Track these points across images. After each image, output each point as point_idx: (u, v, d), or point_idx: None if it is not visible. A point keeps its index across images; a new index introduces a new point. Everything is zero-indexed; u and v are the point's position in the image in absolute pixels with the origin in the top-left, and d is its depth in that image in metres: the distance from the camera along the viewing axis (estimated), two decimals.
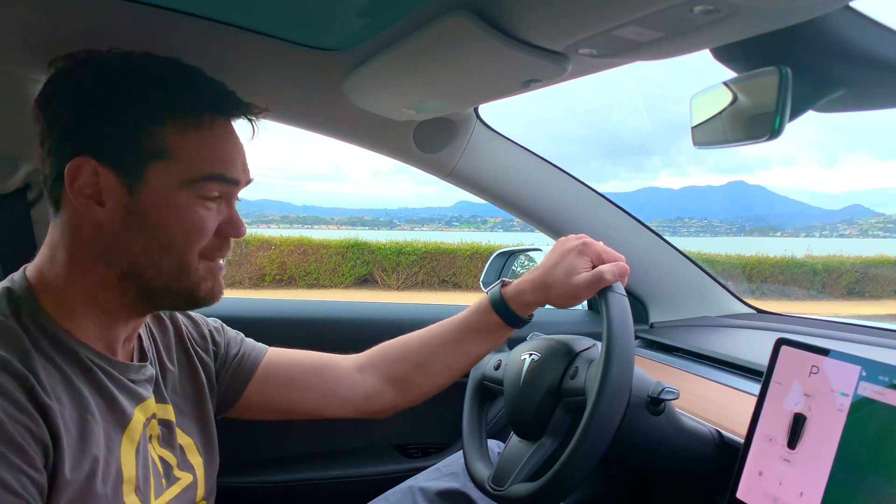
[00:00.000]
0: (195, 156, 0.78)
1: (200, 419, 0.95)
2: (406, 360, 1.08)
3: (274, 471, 1.56)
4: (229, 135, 0.83)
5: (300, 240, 14.04)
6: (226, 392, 1.03)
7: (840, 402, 0.80)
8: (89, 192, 0.76)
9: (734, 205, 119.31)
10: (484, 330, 1.05)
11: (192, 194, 0.78)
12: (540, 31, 0.79)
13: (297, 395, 1.06)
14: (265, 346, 1.08)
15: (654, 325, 1.71)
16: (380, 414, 1.10)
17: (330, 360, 1.10)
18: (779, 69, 0.75)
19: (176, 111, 0.78)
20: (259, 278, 13.21)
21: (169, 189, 0.77)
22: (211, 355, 1.01)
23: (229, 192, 0.83)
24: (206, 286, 0.83)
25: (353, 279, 13.92)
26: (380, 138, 1.37)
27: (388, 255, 13.97)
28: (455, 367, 1.07)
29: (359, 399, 1.08)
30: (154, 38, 1.00)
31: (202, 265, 0.82)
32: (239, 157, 0.83)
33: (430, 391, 1.09)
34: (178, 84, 0.80)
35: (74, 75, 0.79)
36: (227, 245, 0.85)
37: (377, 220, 41.17)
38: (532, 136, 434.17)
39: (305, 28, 1.04)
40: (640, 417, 0.96)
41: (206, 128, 0.79)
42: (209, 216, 0.80)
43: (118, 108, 0.76)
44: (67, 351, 0.75)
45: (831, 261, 14.96)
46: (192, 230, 0.79)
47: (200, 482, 0.91)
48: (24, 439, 0.65)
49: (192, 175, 0.78)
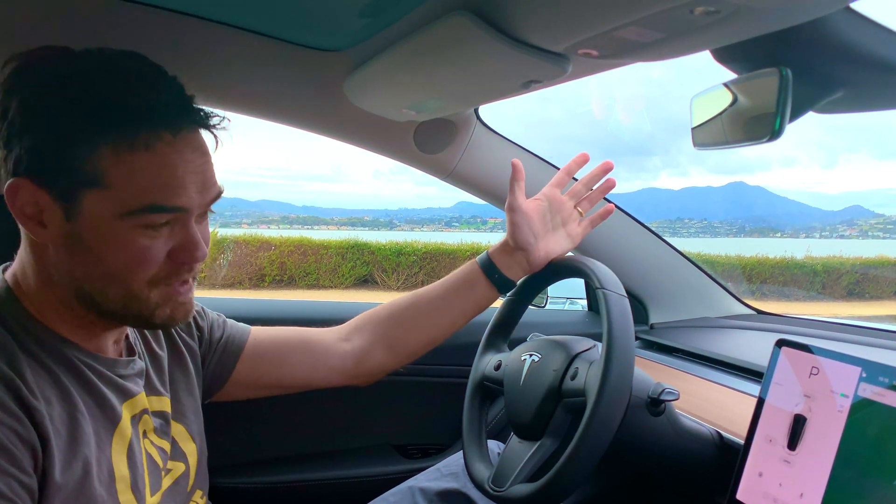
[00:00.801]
0: (132, 184, 0.69)
1: (191, 405, 0.95)
2: (393, 319, 1.12)
3: (273, 471, 1.56)
4: (174, 154, 0.71)
5: (300, 240, 14.02)
6: (214, 375, 1.03)
7: (840, 404, 0.80)
8: (30, 213, 0.71)
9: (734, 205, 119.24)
10: (465, 283, 1.11)
11: (132, 224, 0.71)
12: (540, 32, 0.79)
13: (287, 369, 1.08)
14: (248, 326, 1.09)
15: (654, 325, 1.71)
16: (371, 377, 1.13)
17: (314, 332, 1.12)
18: (779, 70, 0.75)
19: (108, 131, 0.68)
20: (259, 279, 13.18)
21: (105, 219, 0.70)
22: (195, 339, 1.00)
23: (180, 217, 0.74)
24: (163, 312, 0.77)
25: (353, 280, 13.90)
26: (380, 139, 1.37)
27: (388, 255, 13.96)
28: (440, 324, 1.11)
29: (349, 364, 1.11)
30: (154, 38, 1.00)
31: (155, 292, 0.75)
32: (191, 178, 0.73)
33: (417, 349, 1.13)
34: (113, 97, 0.69)
35: (15, 83, 0.70)
36: (187, 268, 0.77)
37: (377, 221, 41.12)
38: (532, 136, 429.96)
39: (306, 28, 1.04)
40: (640, 418, 0.96)
41: (142, 149, 0.69)
42: (154, 245, 0.73)
43: (49, 125, 0.68)
44: (54, 350, 0.74)
45: (831, 262, 14.95)
46: (134, 261, 0.72)
47: (192, 470, 0.91)
48: (12, 442, 0.64)
49: (129, 206, 0.70)
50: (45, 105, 0.69)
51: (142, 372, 0.85)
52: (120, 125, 0.69)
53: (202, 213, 0.78)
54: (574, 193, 1.14)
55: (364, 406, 1.64)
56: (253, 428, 1.55)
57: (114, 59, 0.72)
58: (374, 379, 1.13)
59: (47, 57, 0.71)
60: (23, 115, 0.69)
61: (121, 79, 0.70)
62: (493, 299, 1.13)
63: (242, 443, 1.55)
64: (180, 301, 0.79)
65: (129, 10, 0.93)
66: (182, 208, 0.73)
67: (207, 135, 0.77)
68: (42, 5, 0.92)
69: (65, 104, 0.69)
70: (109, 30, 0.96)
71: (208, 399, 1.03)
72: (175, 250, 0.75)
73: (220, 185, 0.78)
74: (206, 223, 0.80)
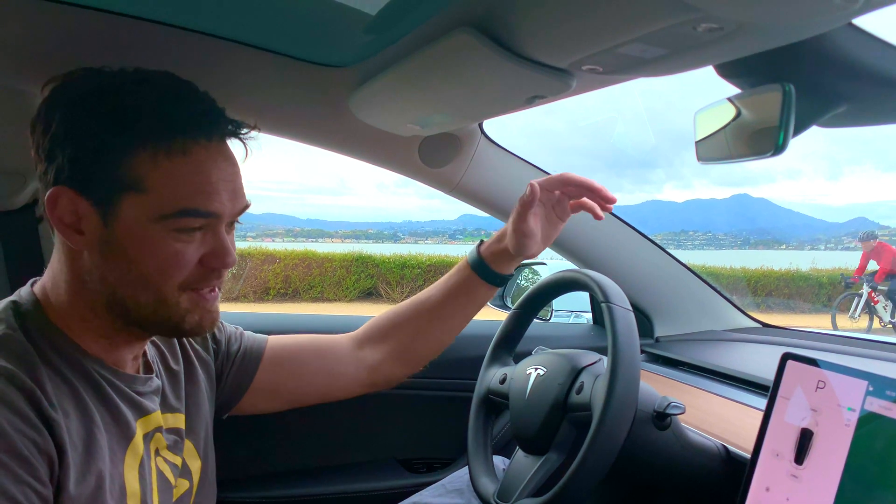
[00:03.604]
0: (168, 187, 0.73)
1: (201, 419, 0.95)
2: (399, 330, 1.12)
3: (277, 485, 1.55)
4: (209, 161, 0.76)
5: (305, 253, 14.04)
6: (232, 387, 1.03)
7: (847, 417, 0.80)
8: (69, 221, 0.74)
9: (739, 217, 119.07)
10: (464, 290, 1.10)
11: (167, 228, 0.74)
12: (544, 49, 0.80)
13: (305, 378, 1.08)
14: (264, 336, 1.09)
15: (660, 339, 1.71)
16: (387, 385, 1.13)
17: (328, 340, 1.12)
18: (782, 86, 0.76)
19: (147, 138, 0.73)
20: (263, 292, 13.19)
21: (141, 222, 0.73)
22: (211, 353, 1.00)
23: (212, 224, 0.78)
24: (192, 319, 0.79)
25: (357, 293, 13.90)
26: (385, 153, 1.38)
27: (392, 268, 13.96)
28: (443, 328, 1.12)
29: (363, 374, 1.11)
30: (161, 55, 1.01)
31: (185, 297, 0.78)
32: (224, 186, 0.77)
33: (426, 357, 1.13)
34: (149, 107, 0.74)
35: (57, 99, 0.75)
36: (217, 274, 0.80)
37: (381, 234, 41.17)
38: (536, 148, 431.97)
39: (311, 45, 1.05)
40: (646, 432, 0.96)
41: (178, 155, 0.73)
42: (187, 249, 0.76)
43: (90, 135, 0.73)
44: (74, 363, 0.75)
45: (836, 274, 14.88)
46: (167, 265, 0.75)
47: (195, 487, 0.91)
48: (30, 452, 0.65)
49: (164, 209, 0.73)
50: (84, 116, 0.73)
51: (158, 390, 0.86)
52: (157, 132, 0.73)
53: (231, 222, 0.81)
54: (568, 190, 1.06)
55: (369, 420, 1.63)
56: (258, 442, 1.55)
57: (146, 74, 0.77)
58: (390, 387, 1.14)
59: (85, 75, 0.77)
60: (64, 128, 0.73)
61: (154, 90, 0.75)
62: (492, 295, 1.14)
63: (248, 457, 1.54)
64: (209, 308, 0.81)
65: (134, 27, 0.94)
66: (214, 214, 0.76)
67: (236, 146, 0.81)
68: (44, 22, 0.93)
69: (103, 114, 0.73)
70: (114, 47, 0.97)
71: (226, 413, 1.04)
72: (206, 256, 0.78)
73: (247, 197, 0.82)
74: (233, 234, 0.83)
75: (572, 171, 1.13)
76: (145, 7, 0.93)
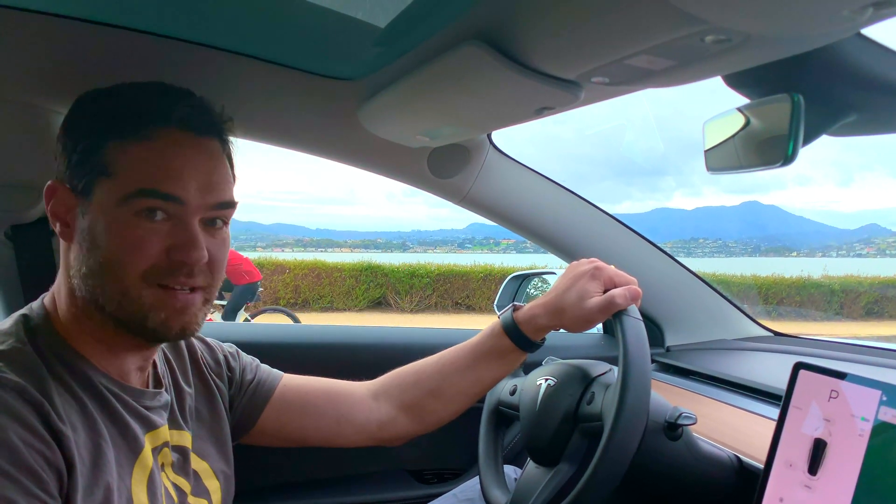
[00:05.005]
0: (132, 170, 0.74)
1: (218, 443, 0.95)
2: (419, 387, 1.08)
3: (288, 496, 1.55)
4: (175, 146, 0.76)
5: (314, 263, 14.10)
6: (241, 418, 1.03)
7: (861, 427, 0.79)
8: (61, 214, 0.78)
9: (749, 225, 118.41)
10: (496, 354, 1.05)
11: (130, 210, 0.74)
12: (552, 61, 0.80)
13: (312, 421, 1.06)
14: (280, 373, 1.08)
15: (671, 348, 1.70)
16: (394, 441, 1.10)
17: (343, 386, 1.10)
18: (791, 96, 0.76)
19: (123, 126, 0.76)
20: (273, 302, 13.24)
21: (107, 207, 0.74)
22: (225, 381, 1.01)
23: (178, 211, 0.76)
24: (157, 317, 0.76)
25: (366, 302, 13.93)
26: (394, 165, 1.39)
27: (401, 277, 13.98)
28: (469, 392, 1.07)
29: (373, 426, 1.07)
30: (174, 69, 1.02)
31: (149, 292, 0.76)
32: (191, 174, 0.76)
33: (444, 418, 1.08)
34: (129, 100, 0.79)
35: (70, 112, 0.82)
36: (186, 270, 0.77)
37: (390, 243, 41.24)
38: (545, 156, 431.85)
39: (321, 58, 1.06)
40: (658, 443, 0.96)
41: (145, 140, 0.75)
42: (151, 237, 0.75)
43: (79, 131, 0.78)
44: (82, 377, 0.75)
45: (849, 281, 14.79)
46: (128, 250, 0.74)
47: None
48: (40, 465, 0.65)
49: (126, 189, 0.74)
50: (80, 118, 0.80)
51: (167, 405, 0.87)
52: (131, 120, 0.76)
53: (211, 219, 0.80)
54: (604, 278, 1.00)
55: None
56: (269, 453, 1.54)
57: (143, 83, 0.82)
58: (400, 443, 1.10)
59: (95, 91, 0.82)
60: (63, 129, 0.80)
61: (142, 90, 0.81)
62: (522, 359, 1.08)
63: (258, 468, 1.54)
64: (178, 308, 0.78)
65: (147, 42, 0.96)
66: (175, 197, 0.75)
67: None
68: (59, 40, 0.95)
69: (93, 114, 0.79)
70: (127, 63, 0.99)
71: (236, 441, 1.03)
72: (172, 248, 0.76)
73: (232, 196, 0.81)
74: (220, 237, 0.82)
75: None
76: (160, 24, 0.95)
